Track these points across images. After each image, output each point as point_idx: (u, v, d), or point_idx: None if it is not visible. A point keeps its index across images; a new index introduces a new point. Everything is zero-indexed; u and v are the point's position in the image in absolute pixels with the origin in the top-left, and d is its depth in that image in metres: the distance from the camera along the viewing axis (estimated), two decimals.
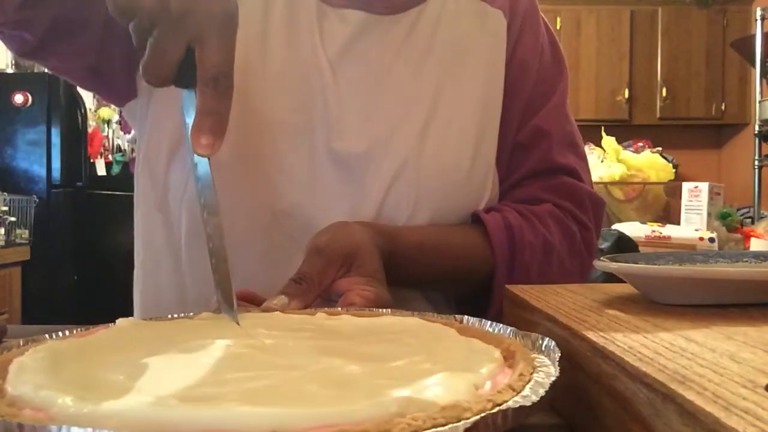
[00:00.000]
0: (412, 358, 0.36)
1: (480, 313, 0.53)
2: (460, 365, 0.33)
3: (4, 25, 0.65)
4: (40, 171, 3.24)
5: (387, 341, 0.40)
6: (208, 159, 0.48)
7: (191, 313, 0.49)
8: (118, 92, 0.76)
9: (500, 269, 0.70)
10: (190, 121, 0.48)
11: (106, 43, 0.69)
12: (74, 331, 0.43)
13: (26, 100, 3.16)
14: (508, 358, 0.35)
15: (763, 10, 2.96)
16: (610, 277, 0.48)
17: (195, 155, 0.48)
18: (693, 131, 4.84)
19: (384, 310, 0.49)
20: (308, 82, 0.69)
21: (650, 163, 2.91)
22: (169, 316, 0.49)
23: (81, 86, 0.80)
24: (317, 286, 0.55)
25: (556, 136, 0.79)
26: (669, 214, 2.58)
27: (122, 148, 3.96)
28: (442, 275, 0.70)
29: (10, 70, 3.45)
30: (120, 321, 0.45)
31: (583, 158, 0.83)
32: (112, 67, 0.71)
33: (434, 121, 0.72)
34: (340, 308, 0.50)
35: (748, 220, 2.65)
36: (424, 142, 0.70)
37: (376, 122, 0.70)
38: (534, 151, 0.78)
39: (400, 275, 0.63)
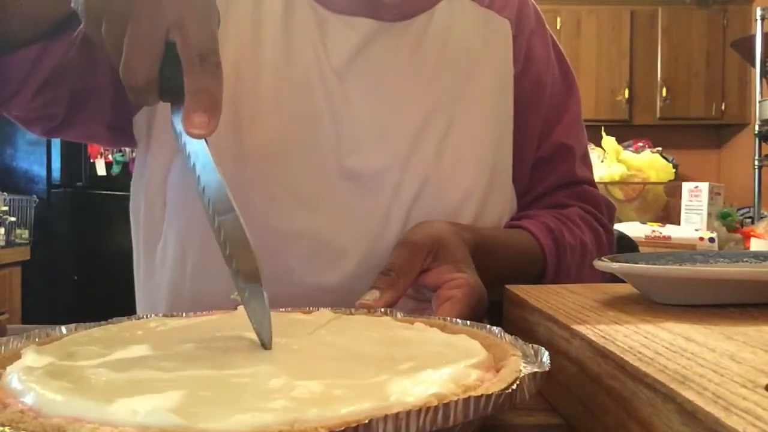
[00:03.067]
0: (359, 380, 0.32)
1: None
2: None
3: (26, 112, 0.66)
4: (40, 171, 3.24)
5: (388, 360, 0.36)
6: (210, 156, 0.42)
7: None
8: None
9: (549, 271, 0.71)
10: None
11: (118, 101, 0.68)
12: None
13: None
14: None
15: (763, 10, 2.95)
16: (611, 278, 0.48)
17: (197, 167, 0.42)
18: (693, 131, 4.83)
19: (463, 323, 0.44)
20: (310, 93, 0.66)
21: (650, 163, 2.90)
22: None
23: (107, 146, 0.81)
24: (406, 276, 0.55)
25: (578, 151, 0.81)
26: (669, 214, 2.57)
27: (122, 148, 3.95)
28: (508, 274, 0.68)
29: None
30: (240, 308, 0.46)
31: (591, 167, 0.86)
32: (127, 120, 0.71)
33: (451, 134, 0.70)
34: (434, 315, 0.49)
35: (748, 220, 2.64)
36: (443, 157, 0.69)
37: (393, 137, 0.68)
38: (558, 166, 0.80)
39: (482, 271, 0.62)
